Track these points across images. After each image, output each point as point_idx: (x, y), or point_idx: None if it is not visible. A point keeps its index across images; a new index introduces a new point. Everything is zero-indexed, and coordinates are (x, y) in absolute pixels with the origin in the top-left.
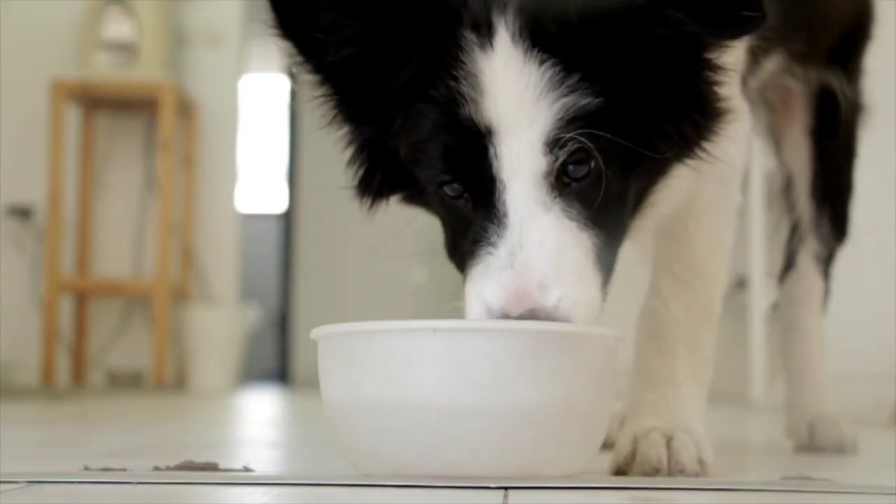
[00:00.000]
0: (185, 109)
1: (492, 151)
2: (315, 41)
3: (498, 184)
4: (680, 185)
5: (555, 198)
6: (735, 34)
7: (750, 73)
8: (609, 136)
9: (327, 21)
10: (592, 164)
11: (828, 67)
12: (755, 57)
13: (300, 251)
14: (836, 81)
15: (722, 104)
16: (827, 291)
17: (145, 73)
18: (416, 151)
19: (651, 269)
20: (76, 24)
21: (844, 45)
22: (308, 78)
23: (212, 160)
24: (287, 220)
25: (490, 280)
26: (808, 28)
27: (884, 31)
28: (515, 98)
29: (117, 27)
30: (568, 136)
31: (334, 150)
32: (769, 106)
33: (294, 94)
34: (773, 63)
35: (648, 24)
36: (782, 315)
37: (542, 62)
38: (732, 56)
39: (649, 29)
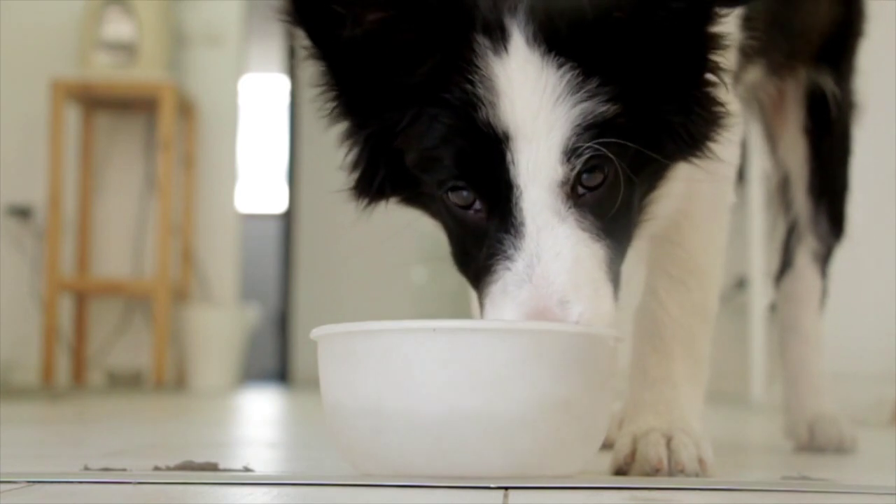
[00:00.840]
0: (185, 109)
1: (509, 157)
2: (332, 16)
3: (515, 190)
4: (679, 187)
5: (569, 208)
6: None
7: (741, 74)
8: (625, 143)
9: None
10: (607, 172)
11: (818, 67)
12: (747, 57)
13: (300, 251)
14: (826, 81)
15: (726, 102)
16: (824, 290)
17: (145, 73)
18: (425, 158)
19: (647, 269)
20: (76, 24)
21: (834, 44)
22: (313, 68)
23: (212, 160)
24: (287, 220)
25: (509, 298)
26: (788, 39)
27: (882, 29)
28: (533, 103)
29: (117, 27)
30: (586, 145)
31: (334, 151)
32: (763, 106)
33: (294, 93)
34: (752, 74)
35: (661, 3)
36: (780, 315)
37: (559, 66)
38: (727, 56)
39: (663, 4)
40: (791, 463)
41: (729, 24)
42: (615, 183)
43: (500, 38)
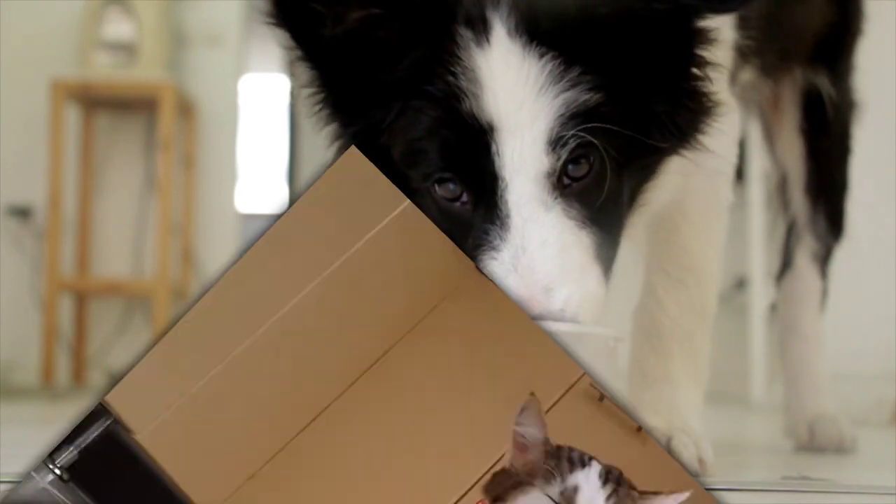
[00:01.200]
0: (185, 109)
1: (493, 148)
2: (313, 16)
3: (500, 182)
4: (671, 180)
5: (556, 198)
6: (728, 7)
7: (737, 73)
8: (611, 128)
9: None
10: (592, 162)
11: (813, 67)
12: (743, 57)
13: None
14: (822, 81)
15: (714, 94)
16: (824, 290)
17: (145, 73)
18: (411, 151)
19: (645, 268)
20: (76, 24)
21: (830, 44)
22: (301, 70)
23: (212, 160)
24: None
25: None
26: (781, 40)
27: (881, 28)
28: (516, 94)
29: (117, 27)
30: (570, 133)
31: (334, 151)
32: (760, 106)
33: (294, 94)
34: (747, 74)
35: (645, 1)
36: (780, 315)
37: (541, 56)
38: (721, 53)
39: (646, 5)
40: (791, 463)
41: (723, 24)
42: (601, 173)
43: (482, 29)
